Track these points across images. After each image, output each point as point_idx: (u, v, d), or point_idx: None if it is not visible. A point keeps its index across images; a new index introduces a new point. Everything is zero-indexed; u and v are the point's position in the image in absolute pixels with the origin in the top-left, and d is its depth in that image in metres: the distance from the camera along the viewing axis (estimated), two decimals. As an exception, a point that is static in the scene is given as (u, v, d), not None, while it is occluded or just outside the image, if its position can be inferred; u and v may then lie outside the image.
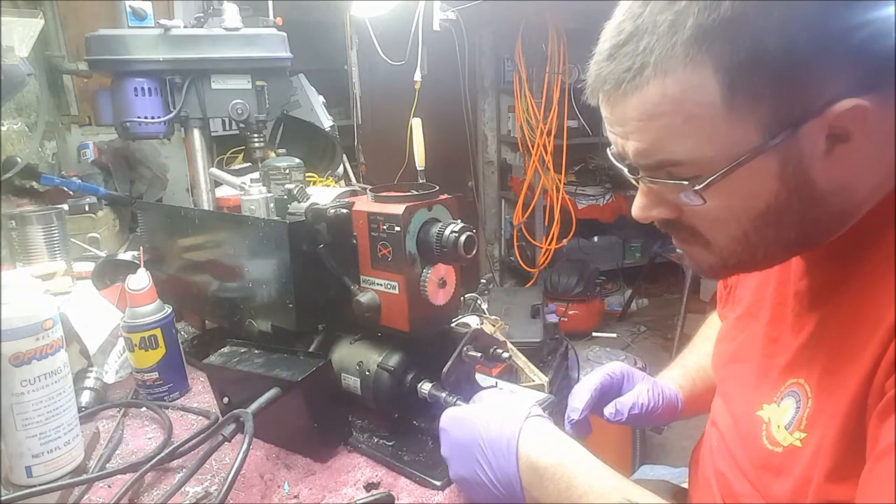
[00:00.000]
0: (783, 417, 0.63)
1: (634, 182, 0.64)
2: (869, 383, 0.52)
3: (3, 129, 1.55)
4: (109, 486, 0.79)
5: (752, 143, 0.54)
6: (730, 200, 0.58)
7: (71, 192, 1.56)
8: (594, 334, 3.82)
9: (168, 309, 1.03)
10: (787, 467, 0.60)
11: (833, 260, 0.62)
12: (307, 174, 1.63)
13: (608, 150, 0.65)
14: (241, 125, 1.47)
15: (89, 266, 1.27)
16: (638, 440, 2.43)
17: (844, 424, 0.54)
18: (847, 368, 0.55)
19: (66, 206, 1.47)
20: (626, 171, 0.64)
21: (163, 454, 0.78)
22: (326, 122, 2.37)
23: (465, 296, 1.79)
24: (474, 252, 0.84)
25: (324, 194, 1.23)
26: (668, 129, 0.56)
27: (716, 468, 0.77)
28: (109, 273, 1.26)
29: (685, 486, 1.01)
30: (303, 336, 0.97)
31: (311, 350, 0.95)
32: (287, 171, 1.26)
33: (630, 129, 0.59)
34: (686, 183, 0.57)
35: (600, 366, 0.96)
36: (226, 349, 0.93)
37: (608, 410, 0.91)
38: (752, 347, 0.74)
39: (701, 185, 0.56)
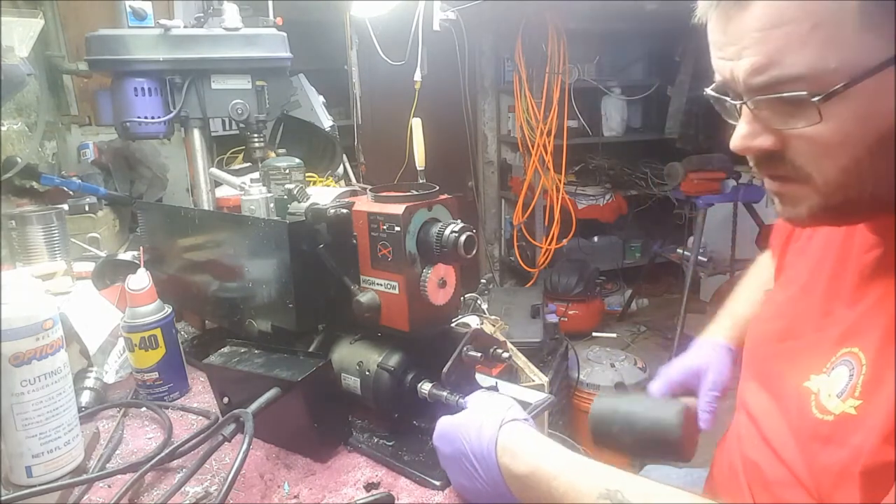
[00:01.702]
0: (835, 386, 0.61)
1: (738, 112, 0.61)
2: None
3: (3, 129, 1.55)
4: (109, 486, 0.79)
5: (882, 56, 0.51)
6: (846, 123, 0.54)
7: (71, 192, 1.56)
8: (594, 334, 3.82)
9: (168, 309, 1.03)
10: (840, 435, 0.59)
11: None
12: (307, 174, 1.63)
13: (708, 90, 0.63)
14: (241, 125, 1.47)
15: (89, 266, 1.27)
16: (638, 440, 2.42)
17: None
18: None
19: (66, 206, 1.47)
20: (729, 100, 0.61)
21: (163, 454, 0.78)
22: (326, 122, 2.37)
23: (465, 296, 1.78)
24: (474, 252, 0.84)
25: (324, 194, 1.23)
26: (791, 38, 0.53)
27: (744, 456, 0.76)
28: (109, 273, 1.26)
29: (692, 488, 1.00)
30: (303, 336, 0.97)
31: (311, 350, 0.94)
32: (287, 171, 1.26)
33: (747, 42, 0.56)
34: (805, 94, 0.53)
35: (663, 374, 0.99)
36: (226, 349, 0.93)
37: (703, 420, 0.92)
38: (804, 324, 0.73)
39: (821, 97, 0.53)
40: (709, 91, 0.63)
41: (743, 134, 0.61)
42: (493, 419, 0.72)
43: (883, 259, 0.64)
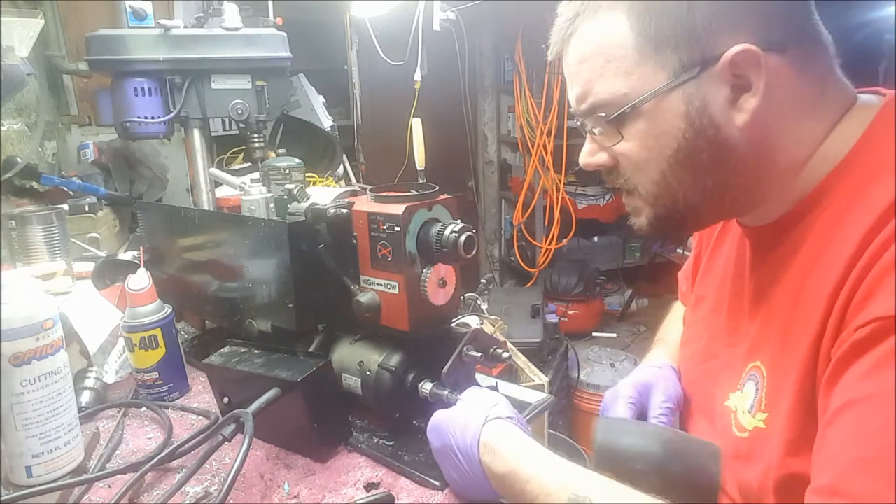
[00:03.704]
0: (746, 402, 0.64)
1: (584, 132, 0.70)
2: (816, 350, 0.54)
3: (3, 129, 1.55)
4: (109, 486, 0.79)
5: (659, 84, 0.60)
6: (645, 139, 0.63)
7: (71, 192, 1.56)
8: (594, 334, 3.82)
9: (168, 309, 1.03)
10: (756, 450, 0.61)
11: (778, 242, 0.64)
12: (307, 174, 1.63)
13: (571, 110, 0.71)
14: (241, 125, 1.47)
15: (89, 266, 1.27)
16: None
17: (798, 393, 0.56)
18: (795, 342, 0.57)
19: (66, 206, 1.47)
20: (578, 124, 0.69)
21: (163, 454, 0.78)
22: (326, 122, 2.37)
23: (465, 296, 1.78)
24: (474, 252, 0.84)
25: (324, 194, 1.23)
26: (594, 71, 0.63)
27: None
28: (109, 273, 1.26)
29: None
30: (303, 336, 0.97)
31: (311, 350, 0.94)
32: (287, 171, 1.26)
33: (572, 75, 0.66)
34: (603, 115, 0.63)
35: (613, 394, 0.91)
36: (226, 349, 0.93)
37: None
38: (718, 343, 0.75)
39: (612, 116, 0.63)
40: (573, 113, 0.71)
41: (585, 152, 0.70)
42: (478, 417, 0.73)
43: (763, 273, 0.67)
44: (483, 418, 0.72)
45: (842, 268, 0.53)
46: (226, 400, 0.90)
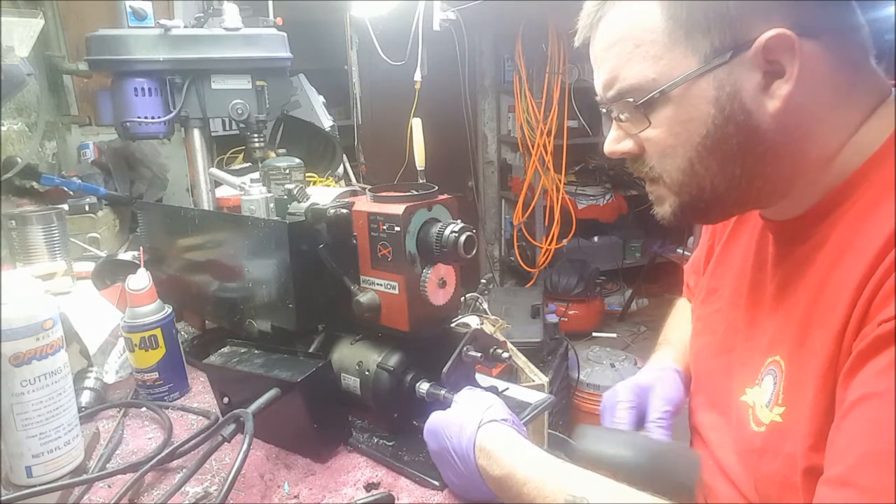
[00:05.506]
0: (764, 397, 0.63)
1: (610, 119, 0.69)
2: (839, 344, 0.54)
3: (3, 129, 1.55)
4: (109, 486, 0.79)
5: (689, 69, 0.59)
6: (673, 126, 0.62)
7: (71, 192, 1.56)
8: (594, 334, 3.83)
9: (168, 309, 1.03)
10: (774, 444, 0.61)
11: (803, 236, 0.64)
12: (307, 174, 1.63)
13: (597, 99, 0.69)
14: (241, 125, 1.47)
15: (89, 266, 1.27)
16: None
17: (821, 388, 0.55)
18: (817, 336, 0.57)
19: (66, 206, 1.47)
20: (604, 111, 0.68)
21: (163, 454, 0.78)
22: (326, 122, 2.37)
23: (466, 296, 1.79)
24: (474, 252, 0.84)
25: (324, 194, 1.23)
26: (622, 56, 0.62)
27: (704, 482, 0.77)
28: (109, 273, 1.26)
29: None
30: (303, 336, 0.97)
31: (311, 350, 0.94)
32: (287, 171, 1.26)
33: (599, 61, 0.65)
34: (630, 101, 0.62)
35: (611, 397, 0.90)
36: (226, 349, 0.93)
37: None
38: (734, 336, 0.75)
39: (641, 101, 0.62)
40: (598, 102, 0.70)
41: (610, 139, 0.69)
42: (472, 420, 0.72)
43: (785, 267, 0.66)
44: (478, 421, 0.72)
45: (868, 262, 0.52)
46: (226, 400, 0.90)
